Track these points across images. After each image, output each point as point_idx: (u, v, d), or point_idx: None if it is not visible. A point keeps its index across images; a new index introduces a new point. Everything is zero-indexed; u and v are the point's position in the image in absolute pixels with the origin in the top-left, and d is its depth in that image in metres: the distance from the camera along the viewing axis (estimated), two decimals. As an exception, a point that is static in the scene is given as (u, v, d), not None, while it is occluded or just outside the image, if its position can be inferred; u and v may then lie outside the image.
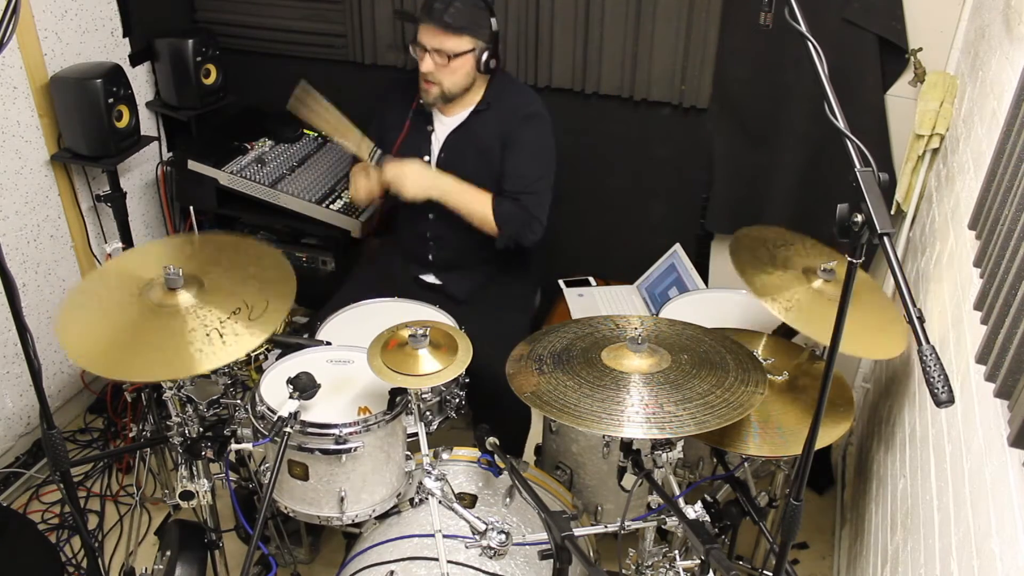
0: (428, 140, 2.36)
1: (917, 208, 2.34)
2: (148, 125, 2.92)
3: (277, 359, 1.90)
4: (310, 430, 1.68)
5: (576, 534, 1.53)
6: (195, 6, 3.05)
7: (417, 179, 2.24)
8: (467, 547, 1.66)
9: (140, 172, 2.97)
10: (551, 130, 2.33)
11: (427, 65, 2.18)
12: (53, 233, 2.65)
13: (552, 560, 1.54)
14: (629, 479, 1.75)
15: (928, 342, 0.95)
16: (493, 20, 2.22)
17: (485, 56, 2.22)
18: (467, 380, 1.97)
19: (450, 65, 2.19)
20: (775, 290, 1.85)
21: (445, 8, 2.13)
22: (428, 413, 1.88)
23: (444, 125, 2.35)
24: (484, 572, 1.64)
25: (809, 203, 2.56)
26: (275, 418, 1.66)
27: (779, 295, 1.84)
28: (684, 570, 1.72)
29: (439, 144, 2.35)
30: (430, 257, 2.46)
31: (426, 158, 2.34)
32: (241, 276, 1.91)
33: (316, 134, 3.03)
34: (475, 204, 2.26)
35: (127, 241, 2.79)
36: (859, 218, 1.02)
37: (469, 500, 1.82)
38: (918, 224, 2.35)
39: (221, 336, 1.72)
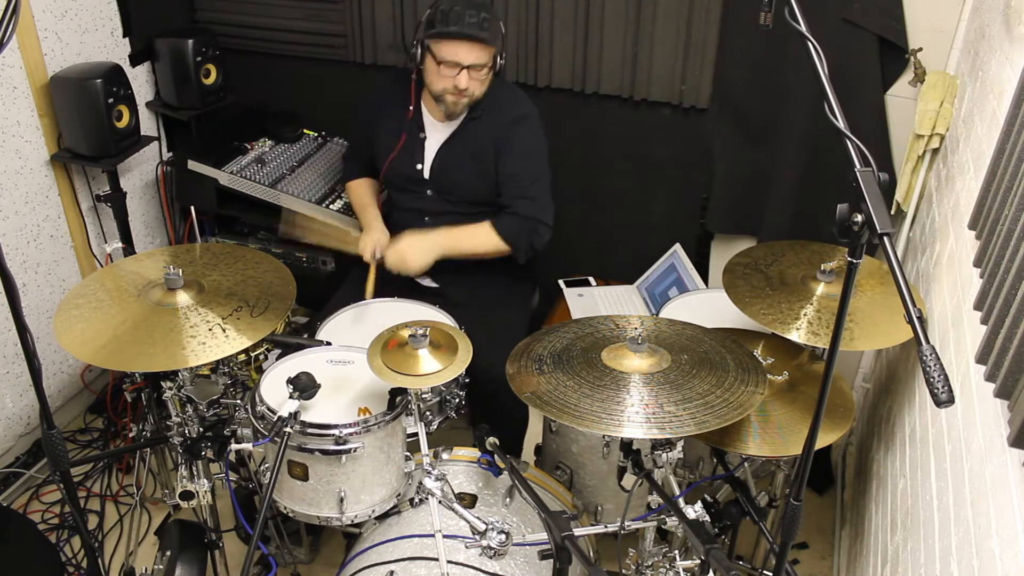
0: (421, 148, 2.35)
1: (917, 208, 2.34)
2: (148, 125, 2.92)
3: (277, 359, 1.90)
4: (310, 430, 1.68)
5: (576, 534, 1.53)
6: (195, 6, 3.04)
7: (418, 254, 2.23)
8: (467, 547, 1.66)
9: (140, 172, 2.97)
10: (542, 129, 2.33)
11: (464, 81, 2.16)
12: (53, 233, 2.65)
13: (552, 560, 1.54)
14: (629, 479, 1.75)
15: (928, 342, 0.95)
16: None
17: (498, 60, 2.24)
18: (467, 380, 1.97)
19: (485, 76, 2.21)
20: (789, 318, 1.84)
21: (478, 23, 2.12)
22: (428, 413, 1.88)
23: (437, 132, 2.34)
24: (484, 572, 1.64)
25: (809, 203, 2.56)
26: (275, 418, 1.66)
27: (792, 322, 1.83)
28: (684, 570, 1.72)
29: (432, 152, 2.35)
30: None
31: (419, 166, 2.35)
32: (241, 279, 1.92)
33: (316, 135, 3.03)
34: (479, 240, 2.28)
35: (127, 241, 2.79)
36: (859, 218, 1.02)
37: (469, 500, 1.82)
38: (918, 224, 2.35)
39: (224, 331, 1.73)
